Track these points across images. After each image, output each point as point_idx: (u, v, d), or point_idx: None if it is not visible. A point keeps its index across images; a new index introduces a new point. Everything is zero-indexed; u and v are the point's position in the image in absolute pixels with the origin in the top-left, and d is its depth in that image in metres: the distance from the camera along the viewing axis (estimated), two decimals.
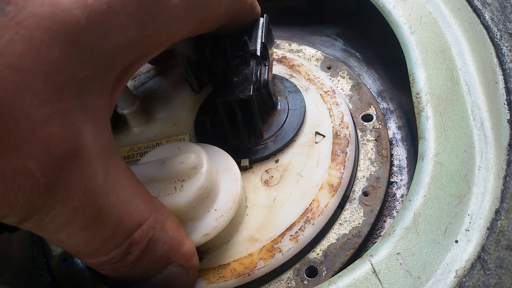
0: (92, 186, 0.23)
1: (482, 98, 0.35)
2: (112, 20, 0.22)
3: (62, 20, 0.21)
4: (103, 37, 0.22)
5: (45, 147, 0.21)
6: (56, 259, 0.38)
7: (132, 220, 0.26)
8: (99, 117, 0.24)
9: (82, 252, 0.26)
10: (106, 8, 0.22)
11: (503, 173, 0.31)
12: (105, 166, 0.24)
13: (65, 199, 0.22)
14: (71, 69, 0.21)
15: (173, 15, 0.26)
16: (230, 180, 0.33)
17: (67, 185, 0.22)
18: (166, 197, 0.30)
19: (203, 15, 0.29)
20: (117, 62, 0.24)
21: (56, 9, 0.21)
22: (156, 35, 0.26)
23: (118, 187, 0.25)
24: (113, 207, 0.25)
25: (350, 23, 0.51)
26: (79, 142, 0.22)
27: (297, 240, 0.33)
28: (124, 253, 0.26)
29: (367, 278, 0.28)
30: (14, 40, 0.20)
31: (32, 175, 0.21)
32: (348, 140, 0.37)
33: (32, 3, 0.20)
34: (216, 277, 0.32)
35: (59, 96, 0.21)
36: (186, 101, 0.42)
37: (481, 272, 0.27)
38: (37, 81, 0.20)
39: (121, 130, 0.42)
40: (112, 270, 0.27)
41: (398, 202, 0.37)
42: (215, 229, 0.31)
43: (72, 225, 0.23)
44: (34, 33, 0.20)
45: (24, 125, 0.20)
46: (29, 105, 0.20)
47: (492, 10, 0.39)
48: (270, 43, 0.38)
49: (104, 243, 0.25)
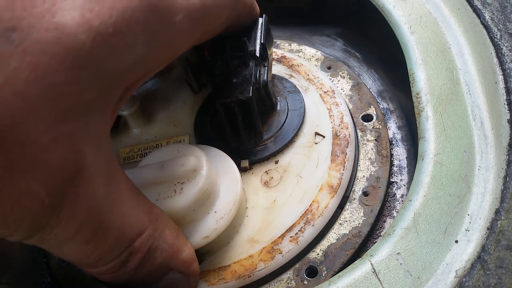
0: (94, 203, 0.23)
1: (482, 98, 0.35)
2: (118, 41, 0.22)
3: (67, 45, 0.21)
4: (109, 58, 0.22)
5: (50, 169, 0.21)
6: (56, 259, 0.38)
7: (132, 231, 0.26)
8: (101, 135, 0.24)
9: (83, 263, 0.27)
10: (112, 30, 0.22)
11: (503, 173, 0.31)
12: (106, 182, 0.24)
13: (68, 217, 0.22)
14: (77, 92, 0.21)
15: (177, 32, 0.26)
16: (230, 181, 0.33)
17: (70, 204, 0.22)
18: (165, 199, 0.30)
19: (206, 27, 0.29)
20: (122, 81, 0.24)
21: (61, 34, 0.20)
22: (161, 52, 0.26)
23: (119, 201, 0.25)
24: (114, 221, 0.25)
25: (350, 23, 0.50)
26: (82, 162, 0.22)
27: (297, 241, 0.33)
28: (123, 262, 0.26)
29: (367, 278, 0.28)
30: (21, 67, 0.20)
31: (37, 196, 0.21)
32: (348, 140, 0.37)
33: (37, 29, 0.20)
34: (216, 279, 0.32)
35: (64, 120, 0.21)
36: (186, 102, 0.42)
37: (481, 272, 0.27)
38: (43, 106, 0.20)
39: (121, 131, 0.42)
40: (112, 278, 0.28)
41: (398, 202, 0.37)
42: (215, 231, 0.31)
43: (74, 240, 0.24)
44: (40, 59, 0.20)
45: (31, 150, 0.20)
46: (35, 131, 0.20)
47: (492, 10, 0.39)
48: (270, 44, 0.37)
49: (105, 255, 0.26)
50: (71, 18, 0.21)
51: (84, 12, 0.21)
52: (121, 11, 0.22)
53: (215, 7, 0.29)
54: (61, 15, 0.21)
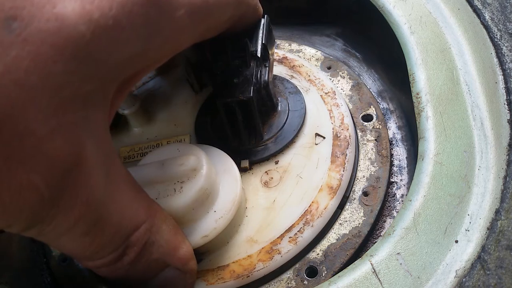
0: (93, 196, 0.24)
1: (482, 98, 0.35)
2: (118, 34, 0.22)
3: (67, 36, 0.21)
4: (108, 51, 0.22)
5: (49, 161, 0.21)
6: (56, 259, 0.38)
7: (130, 224, 0.26)
8: (100, 128, 0.24)
9: (80, 255, 0.27)
10: (112, 23, 0.22)
11: (503, 173, 0.31)
12: (105, 175, 0.24)
13: (67, 209, 0.22)
14: (76, 83, 0.22)
15: (178, 27, 0.26)
16: (230, 181, 0.33)
17: (69, 196, 0.22)
18: (165, 198, 0.30)
19: (208, 25, 0.29)
20: (120, 74, 0.24)
21: (61, 24, 0.21)
22: (161, 47, 0.26)
23: (118, 194, 0.25)
24: (112, 214, 0.25)
25: (350, 23, 0.50)
26: (81, 155, 0.22)
27: (296, 242, 0.33)
28: (120, 255, 0.27)
29: (367, 278, 0.28)
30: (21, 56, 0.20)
31: (37, 188, 0.21)
32: (348, 141, 0.37)
33: (38, 19, 0.20)
34: (215, 278, 0.32)
35: (63, 110, 0.21)
36: (187, 102, 0.42)
37: (481, 272, 0.27)
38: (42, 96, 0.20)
39: (122, 130, 0.42)
40: (108, 271, 0.28)
41: (398, 202, 0.37)
42: (214, 230, 0.31)
43: (72, 232, 0.24)
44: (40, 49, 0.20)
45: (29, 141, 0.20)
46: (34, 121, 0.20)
47: (492, 10, 0.39)
48: (271, 44, 0.38)
49: (102, 248, 0.26)
50: (72, 9, 0.21)
51: (84, 4, 0.21)
52: (121, 4, 0.22)
53: (218, 5, 0.29)
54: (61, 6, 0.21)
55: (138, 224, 0.27)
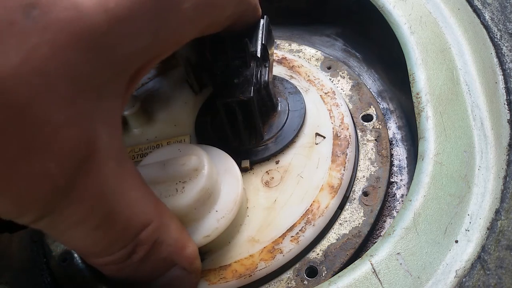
0: (105, 188, 0.24)
1: (482, 98, 0.35)
2: (131, 25, 0.23)
3: (85, 25, 0.21)
4: (121, 41, 0.23)
5: (64, 149, 0.21)
6: (56, 259, 0.38)
7: (139, 221, 0.26)
8: (113, 120, 0.24)
9: (89, 251, 0.27)
10: (127, 14, 0.22)
11: (503, 173, 0.31)
12: (117, 168, 0.24)
13: (79, 200, 0.23)
14: (92, 72, 0.22)
15: (183, 20, 0.26)
16: (231, 181, 0.33)
17: (82, 187, 0.22)
18: (167, 198, 0.30)
19: (211, 19, 0.29)
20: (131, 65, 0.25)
21: (79, 13, 0.21)
22: (167, 39, 0.26)
23: (128, 189, 0.26)
24: (123, 209, 0.25)
25: (350, 23, 0.51)
26: (96, 144, 0.23)
27: (298, 241, 0.33)
28: (130, 253, 0.27)
29: (367, 278, 0.29)
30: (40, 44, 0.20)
31: (51, 177, 0.21)
32: (348, 141, 0.37)
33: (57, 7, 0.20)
34: (217, 278, 0.32)
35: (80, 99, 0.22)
36: (187, 102, 0.42)
37: (481, 272, 0.27)
38: (60, 84, 0.21)
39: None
40: (116, 270, 0.28)
41: (398, 202, 0.37)
42: (216, 230, 0.31)
43: (83, 226, 0.24)
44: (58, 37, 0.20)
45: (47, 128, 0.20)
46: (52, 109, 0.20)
47: (492, 10, 0.39)
48: (270, 44, 0.38)
49: (112, 243, 0.26)
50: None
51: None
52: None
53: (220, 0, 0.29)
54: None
55: (147, 221, 0.27)
